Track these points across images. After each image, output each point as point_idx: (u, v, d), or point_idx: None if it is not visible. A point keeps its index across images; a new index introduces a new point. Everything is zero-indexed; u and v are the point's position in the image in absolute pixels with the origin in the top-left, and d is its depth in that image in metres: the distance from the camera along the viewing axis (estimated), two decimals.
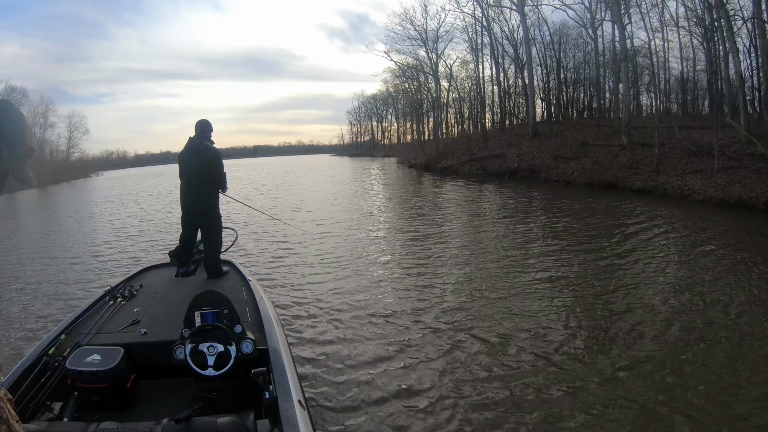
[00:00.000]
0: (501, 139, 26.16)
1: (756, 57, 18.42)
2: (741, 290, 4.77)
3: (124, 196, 22.45)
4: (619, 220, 9.34)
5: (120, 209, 16.07)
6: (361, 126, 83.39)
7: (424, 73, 36.23)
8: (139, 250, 8.41)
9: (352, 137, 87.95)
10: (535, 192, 14.92)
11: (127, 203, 18.45)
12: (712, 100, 22.43)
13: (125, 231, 10.83)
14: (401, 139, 66.20)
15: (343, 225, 10.12)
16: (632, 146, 16.81)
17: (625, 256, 6.35)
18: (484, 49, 29.85)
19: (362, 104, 77.18)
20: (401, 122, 67.00)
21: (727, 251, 6.37)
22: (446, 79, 34.46)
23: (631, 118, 18.44)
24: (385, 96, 61.58)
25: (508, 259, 6.40)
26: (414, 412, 2.93)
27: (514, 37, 30.21)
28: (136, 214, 14.24)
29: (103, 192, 26.50)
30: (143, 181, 35.66)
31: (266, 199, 16.33)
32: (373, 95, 70.02)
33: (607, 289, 5.01)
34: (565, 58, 28.41)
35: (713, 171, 12.56)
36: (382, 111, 72.59)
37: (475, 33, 29.81)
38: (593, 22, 23.91)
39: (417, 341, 3.95)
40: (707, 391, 2.93)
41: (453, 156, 26.69)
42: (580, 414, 2.79)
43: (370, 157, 63.27)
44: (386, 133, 75.14)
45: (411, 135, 60.09)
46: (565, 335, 3.91)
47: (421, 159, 29.94)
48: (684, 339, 3.72)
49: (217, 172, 3.95)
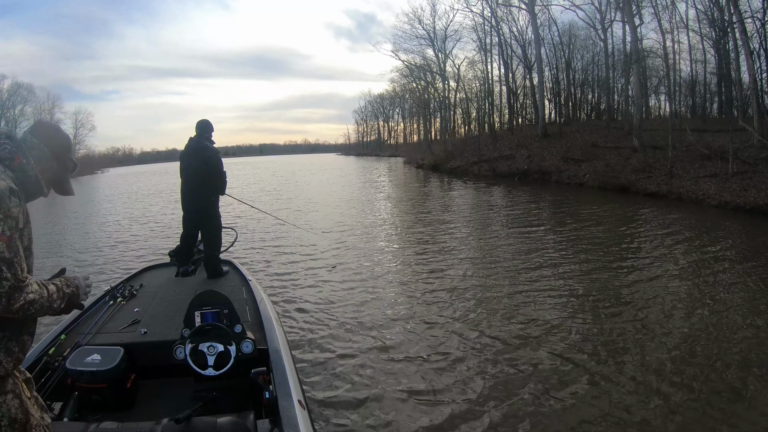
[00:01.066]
0: (510, 140, 26.18)
1: (766, 59, 18.41)
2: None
3: (121, 196, 22.36)
4: (644, 227, 9.25)
5: (121, 210, 16.01)
6: (368, 125, 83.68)
7: (431, 73, 36.28)
8: (134, 255, 8.19)
9: (359, 137, 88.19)
10: (549, 195, 14.94)
11: (129, 202, 18.50)
12: (722, 103, 22.44)
13: (119, 235, 10.54)
14: (408, 139, 66.28)
15: (349, 226, 10.06)
16: (644, 149, 16.80)
17: (662, 267, 6.22)
18: (492, 49, 29.85)
19: (369, 103, 77.50)
20: (408, 122, 67.12)
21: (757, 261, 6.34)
22: (454, 79, 34.52)
23: (642, 120, 18.39)
24: (392, 95, 61.73)
25: (530, 271, 6.45)
26: (414, 412, 2.93)
27: (523, 38, 30.23)
28: (133, 215, 14.30)
29: (107, 190, 26.64)
30: (147, 179, 35.74)
31: (274, 201, 16.25)
32: (380, 95, 70.31)
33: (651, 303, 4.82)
34: (573, 59, 28.37)
35: (728, 175, 12.56)
36: (389, 110, 72.84)
37: (483, 33, 29.86)
38: (603, 22, 23.87)
39: (417, 341, 3.95)
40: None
41: (462, 157, 26.74)
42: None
43: (376, 156, 63.24)
44: (392, 132, 75.27)
45: (417, 135, 60.22)
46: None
47: (429, 159, 30.00)
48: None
49: (216, 172, 3.97)
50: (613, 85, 26.02)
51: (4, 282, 1.16)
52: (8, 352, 1.24)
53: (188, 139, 4.04)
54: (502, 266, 6.36)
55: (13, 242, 1.20)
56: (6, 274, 1.16)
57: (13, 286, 1.17)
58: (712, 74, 22.43)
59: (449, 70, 33.78)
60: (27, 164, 1.33)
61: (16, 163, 1.31)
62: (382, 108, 73.82)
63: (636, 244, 7.63)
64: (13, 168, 1.30)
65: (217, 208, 4.10)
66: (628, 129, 21.20)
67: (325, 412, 2.95)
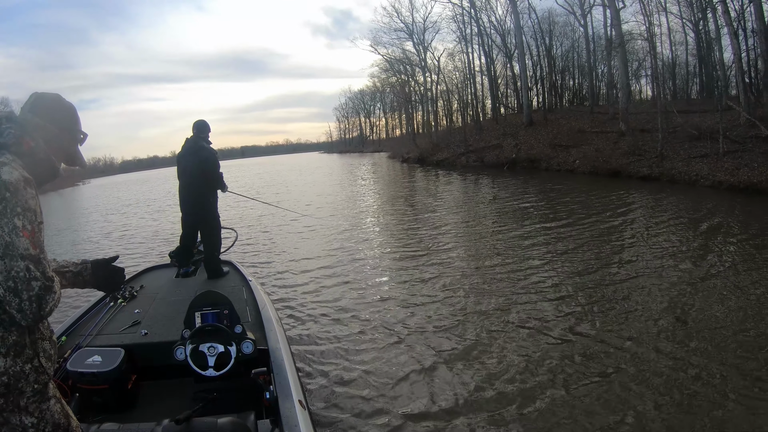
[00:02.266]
0: (495, 130, 26.00)
1: (745, 39, 18.58)
2: None
3: (95, 213, 21.58)
4: (644, 211, 9.10)
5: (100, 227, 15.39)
6: (349, 122, 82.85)
7: (411, 66, 35.91)
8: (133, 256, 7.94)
9: (341, 134, 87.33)
10: (541, 183, 14.73)
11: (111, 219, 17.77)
12: (702, 85, 22.65)
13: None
14: (390, 133, 65.89)
15: (346, 225, 9.80)
16: (632, 132, 16.76)
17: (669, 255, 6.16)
18: (472, 39, 29.56)
19: (349, 100, 76.62)
20: (390, 117, 66.62)
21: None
22: (434, 71, 34.19)
23: (628, 104, 18.36)
24: (372, 91, 61.04)
25: (541, 268, 6.15)
26: (415, 412, 2.89)
27: (502, 27, 30.08)
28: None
29: (87, 202, 25.66)
30: (127, 189, 34.48)
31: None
32: (361, 90, 69.59)
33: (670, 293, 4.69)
34: (554, 47, 28.34)
35: (719, 155, 12.53)
36: (370, 106, 72.07)
37: (463, 23, 29.53)
38: (582, 7, 23.81)
39: (418, 341, 3.87)
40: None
41: (448, 148, 26.48)
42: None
43: (360, 153, 62.67)
44: (375, 128, 74.68)
45: (400, 129, 59.88)
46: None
47: (415, 153, 29.69)
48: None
49: (212, 172, 3.96)
50: (594, 70, 26.06)
51: (33, 283, 1.07)
52: (47, 355, 1.21)
53: (185, 140, 4.01)
54: (520, 267, 5.98)
55: (36, 237, 1.11)
56: (35, 273, 1.08)
57: (44, 287, 1.10)
58: (692, 56, 22.62)
59: (429, 63, 33.49)
60: (37, 147, 1.24)
61: (26, 148, 1.21)
62: (363, 104, 73.11)
63: (655, 232, 7.37)
64: (23, 153, 1.20)
65: (215, 208, 4.08)
66: (613, 113, 21.24)
67: (326, 412, 2.94)
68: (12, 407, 1.15)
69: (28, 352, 1.16)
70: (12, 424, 1.16)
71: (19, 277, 1.07)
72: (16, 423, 1.17)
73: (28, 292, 1.07)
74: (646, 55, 22.63)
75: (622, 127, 17.82)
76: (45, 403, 1.20)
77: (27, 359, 1.16)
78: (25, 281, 1.07)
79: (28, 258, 1.07)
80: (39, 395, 1.19)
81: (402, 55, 35.54)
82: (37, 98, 1.31)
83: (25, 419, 1.17)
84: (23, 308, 1.08)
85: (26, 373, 1.16)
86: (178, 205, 4.23)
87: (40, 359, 1.18)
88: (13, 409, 1.16)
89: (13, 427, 1.17)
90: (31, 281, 1.07)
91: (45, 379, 1.19)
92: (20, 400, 1.16)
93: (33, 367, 1.17)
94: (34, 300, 1.07)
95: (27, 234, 1.08)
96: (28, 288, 1.07)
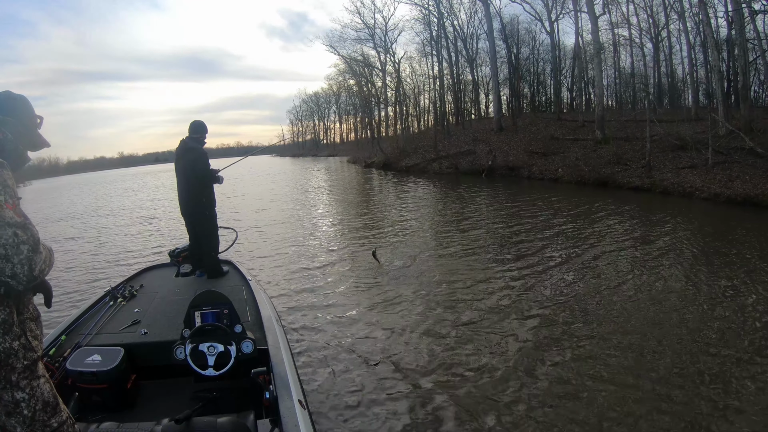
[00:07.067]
0: (465, 135, 25.37)
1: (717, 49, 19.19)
2: None
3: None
4: (644, 226, 8.45)
5: None
6: (303, 125, 79.80)
7: (371, 68, 34.71)
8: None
9: (293, 137, 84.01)
10: (528, 194, 13.93)
11: None
12: (671, 96, 23.39)
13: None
14: (345, 137, 64.27)
15: (339, 228, 9.58)
16: (612, 141, 16.57)
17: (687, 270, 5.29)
18: (437, 42, 28.84)
19: (304, 102, 73.77)
20: (345, 120, 64.99)
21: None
22: (396, 75, 33.20)
23: (604, 111, 18.28)
24: (327, 93, 59.13)
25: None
26: (415, 412, 2.88)
27: (464, 31, 29.75)
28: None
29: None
30: (63, 195, 30.20)
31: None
32: (316, 93, 67.38)
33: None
34: (520, 53, 28.36)
35: (708, 166, 12.40)
36: (325, 109, 69.86)
37: (427, 26, 28.73)
38: (549, 15, 23.83)
39: (418, 341, 3.89)
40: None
41: (416, 153, 25.44)
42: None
43: (314, 156, 60.38)
44: (329, 131, 72.61)
45: (355, 133, 58.40)
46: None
47: (380, 158, 28.36)
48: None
49: (202, 172, 3.94)
50: (559, 77, 26.27)
51: (22, 246, 1.13)
52: (33, 334, 1.28)
53: (180, 141, 4.01)
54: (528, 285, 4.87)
55: (19, 208, 1.18)
56: (23, 237, 1.13)
57: (32, 249, 1.15)
58: (651, 68, 23.30)
59: (389, 68, 32.48)
60: (5, 138, 1.33)
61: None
62: (318, 106, 70.71)
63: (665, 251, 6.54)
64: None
65: (211, 207, 4.07)
66: (582, 121, 21.28)
67: (326, 411, 2.89)
68: (4, 383, 1.21)
69: (16, 330, 1.23)
70: (5, 400, 1.22)
71: (9, 244, 1.12)
72: (8, 399, 1.22)
73: (18, 255, 1.13)
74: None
75: (599, 135, 17.69)
76: (35, 380, 1.25)
77: (15, 337, 1.22)
78: (14, 246, 1.12)
79: (15, 225, 1.13)
80: (29, 372, 1.24)
81: (361, 58, 34.29)
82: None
83: (17, 394, 1.22)
84: (16, 272, 1.14)
85: (15, 350, 1.22)
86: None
87: (27, 337, 1.25)
88: (5, 386, 1.21)
89: (5, 403, 1.22)
90: (20, 245, 1.12)
91: (33, 356, 1.25)
92: (11, 375, 1.22)
93: (21, 344, 1.24)
94: (25, 263, 1.13)
95: (10, 206, 1.16)
96: (17, 252, 1.13)
